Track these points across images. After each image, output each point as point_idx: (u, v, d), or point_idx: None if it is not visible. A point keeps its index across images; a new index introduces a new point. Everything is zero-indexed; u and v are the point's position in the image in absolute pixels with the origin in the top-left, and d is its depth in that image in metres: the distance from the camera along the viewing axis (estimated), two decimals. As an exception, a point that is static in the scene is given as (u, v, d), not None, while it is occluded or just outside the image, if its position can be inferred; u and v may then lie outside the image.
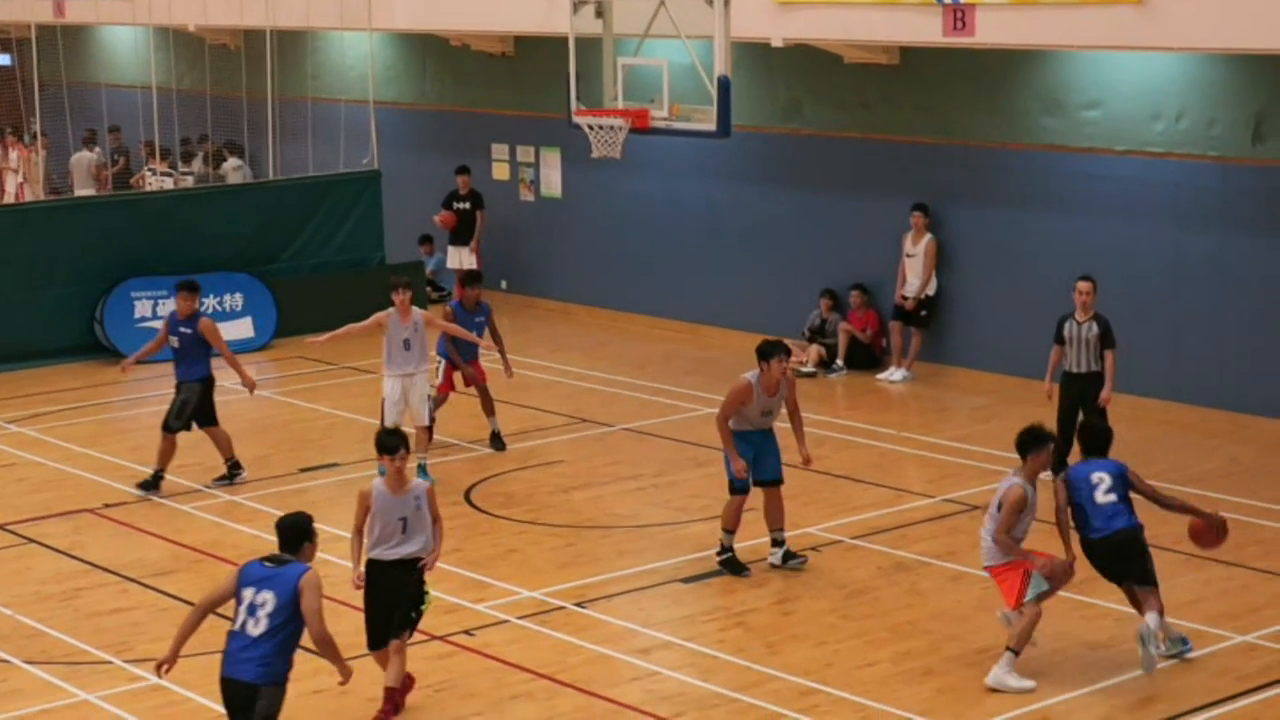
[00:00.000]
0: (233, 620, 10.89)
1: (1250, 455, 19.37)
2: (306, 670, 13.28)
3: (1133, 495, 13.76)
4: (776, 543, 16.06)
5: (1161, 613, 13.44)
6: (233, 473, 18.69)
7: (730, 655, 13.91)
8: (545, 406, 21.88)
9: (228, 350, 18.72)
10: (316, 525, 11.39)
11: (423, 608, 12.72)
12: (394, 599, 12.61)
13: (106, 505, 18.11)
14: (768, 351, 15.64)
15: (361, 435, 19.69)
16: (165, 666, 11.13)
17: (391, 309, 18.42)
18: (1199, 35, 18.85)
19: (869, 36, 21.77)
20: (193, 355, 18.44)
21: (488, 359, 19.96)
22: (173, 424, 18.41)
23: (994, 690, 13.17)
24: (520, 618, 14.79)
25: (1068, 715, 12.77)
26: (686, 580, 15.67)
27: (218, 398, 18.67)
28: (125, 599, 15.37)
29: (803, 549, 16.28)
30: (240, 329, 25.58)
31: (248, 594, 10.85)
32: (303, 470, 19.17)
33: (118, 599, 15.39)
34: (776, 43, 22.46)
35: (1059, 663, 13.68)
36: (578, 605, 15.07)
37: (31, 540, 17.12)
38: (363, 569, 12.74)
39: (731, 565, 15.80)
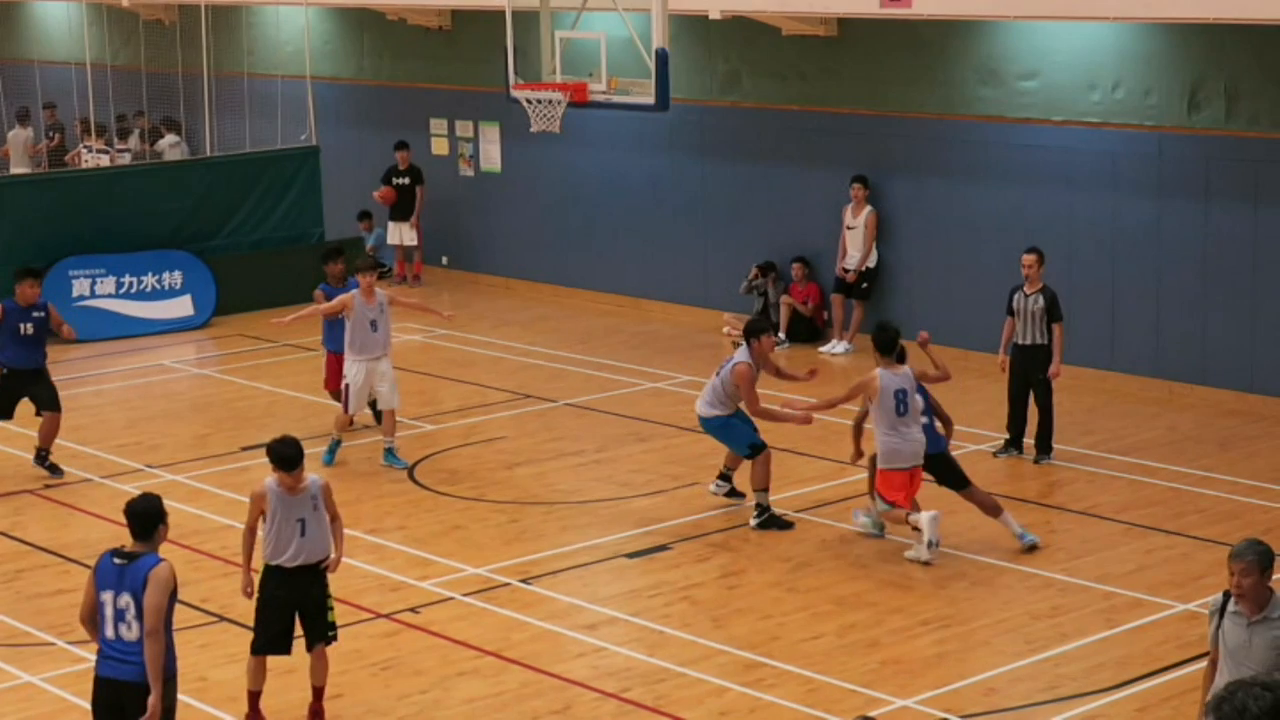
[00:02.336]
0: (100, 624, 10.40)
1: (1188, 424, 19.50)
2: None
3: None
4: (725, 478, 16.75)
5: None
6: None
7: (676, 630, 13.93)
8: (487, 382, 21.85)
9: (68, 327, 18.93)
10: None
11: (331, 617, 12.28)
12: (299, 607, 12.15)
13: (47, 486, 17.99)
14: (757, 329, 16.42)
15: (303, 413, 19.66)
16: None
17: (355, 290, 18.23)
18: (1134, 5, 18.95)
19: (807, 8, 21.79)
20: (43, 339, 18.40)
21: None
22: (59, 405, 18.37)
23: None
24: (465, 594, 14.78)
25: (1013, 685, 12.84)
26: (631, 555, 15.69)
27: (161, 377, 18.55)
28: (67, 580, 15.27)
29: (746, 523, 16.34)
30: (180, 307, 25.46)
31: (107, 598, 10.34)
32: (243, 449, 19.06)
33: (59, 580, 15.29)
34: (714, 15, 22.46)
35: (1003, 633, 13.76)
36: (523, 581, 15.06)
37: (-29, 522, 17.03)
38: (254, 575, 12.23)
39: (777, 522, 16.16)
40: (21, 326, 18.23)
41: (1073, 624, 13.85)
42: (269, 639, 12.18)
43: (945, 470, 15.63)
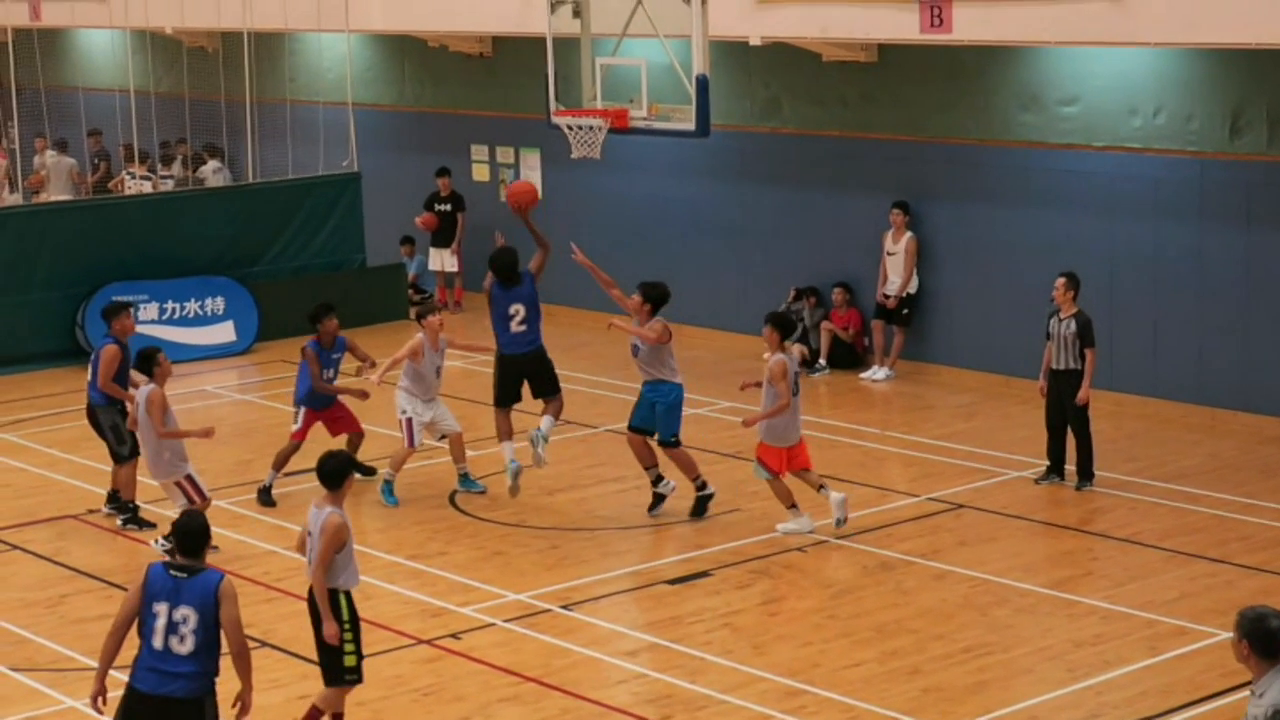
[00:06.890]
0: (146, 634, 10.33)
1: (1230, 451, 19.41)
2: (295, 674, 13.37)
3: None
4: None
5: (556, 416, 17.69)
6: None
7: (717, 656, 13.92)
8: (527, 408, 21.81)
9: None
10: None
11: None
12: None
13: (90, 511, 18.06)
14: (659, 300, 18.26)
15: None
16: (100, 699, 10.60)
17: (421, 334, 18.11)
18: (1175, 30, 18.91)
19: (847, 34, 21.81)
20: None
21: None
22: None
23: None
24: (506, 621, 14.79)
25: (1054, 713, 12.80)
26: (672, 582, 15.68)
27: (203, 403, 18.53)
28: (109, 605, 15.25)
29: (787, 549, 16.33)
30: (222, 333, 25.57)
31: (161, 609, 10.30)
32: (286, 474, 19.09)
33: (102, 605, 15.34)
34: (755, 41, 22.49)
35: (1045, 660, 13.72)
36: (564, 608, 15.08)
37: (14, 546, 17.09)
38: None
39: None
40: (128, 358, 17.49)
41: (1115, 652, 13.81)
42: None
43: (541, 371, 17.62)
